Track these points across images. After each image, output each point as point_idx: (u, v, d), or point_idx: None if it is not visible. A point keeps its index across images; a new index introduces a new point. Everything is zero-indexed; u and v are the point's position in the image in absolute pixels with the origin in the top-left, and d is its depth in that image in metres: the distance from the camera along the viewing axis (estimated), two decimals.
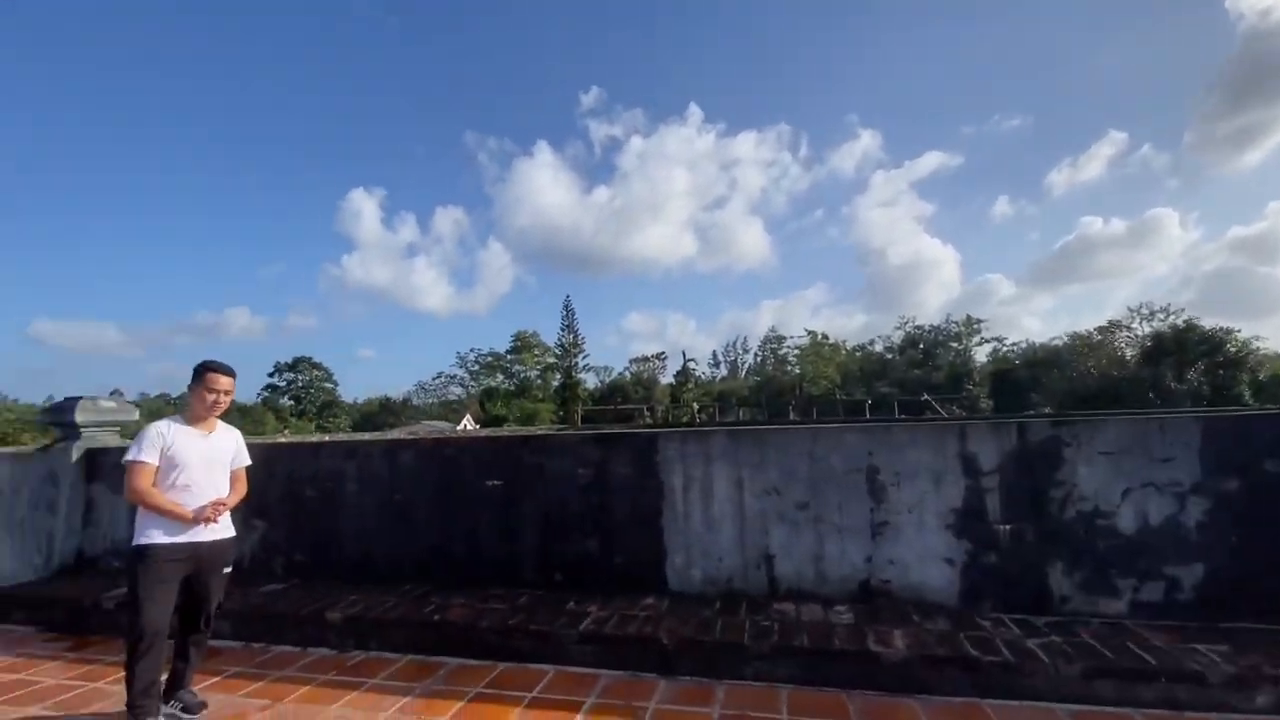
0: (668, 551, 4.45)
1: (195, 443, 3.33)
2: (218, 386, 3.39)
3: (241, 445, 3.63)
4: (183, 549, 3.17)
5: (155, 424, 3.34)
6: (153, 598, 3.05)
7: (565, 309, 65.62)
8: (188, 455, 3.27)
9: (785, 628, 3.70)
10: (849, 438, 4.24)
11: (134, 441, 3.27)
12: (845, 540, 4.16)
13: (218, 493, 3.36)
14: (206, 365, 3.43)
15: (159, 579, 3.09)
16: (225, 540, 3.38)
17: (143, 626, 3.00)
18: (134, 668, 3.00)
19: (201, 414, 3.40)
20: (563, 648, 3.78)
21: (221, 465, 3.44)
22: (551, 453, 4.79)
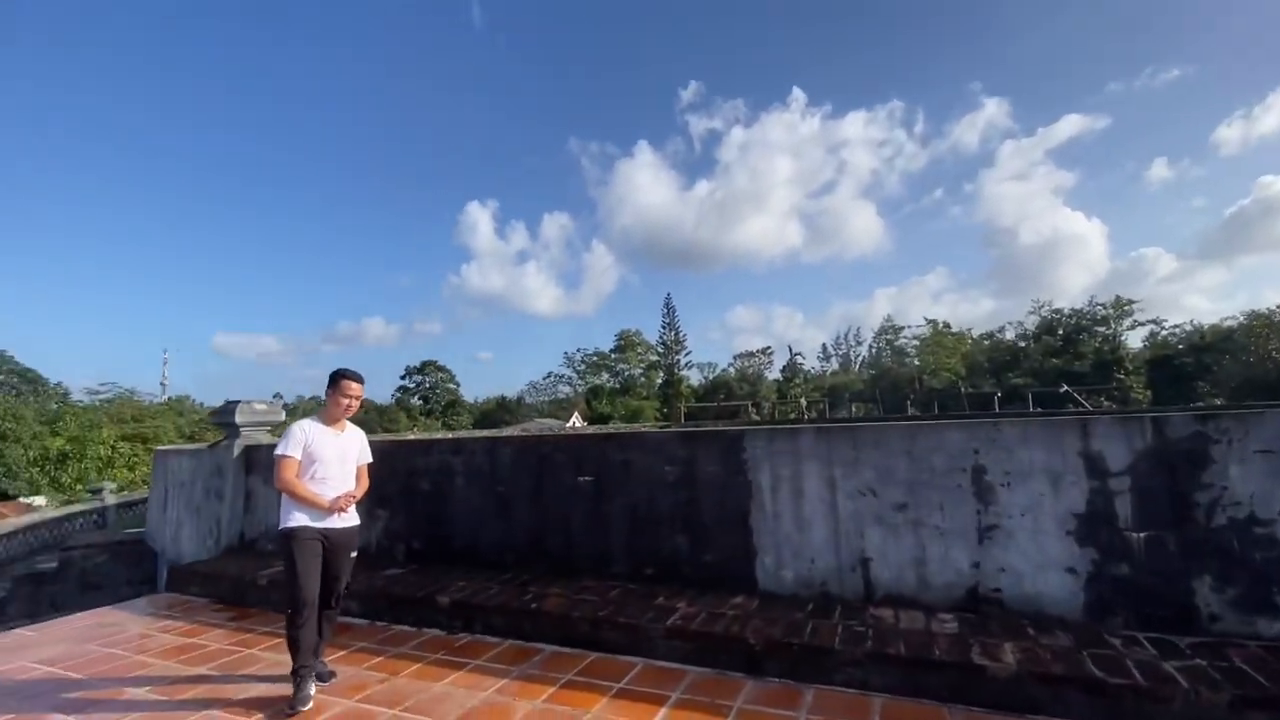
0: (757, 551, 4.38)
1: (330, 440, 3.72)
2: (350, 392, 3.78)
3: (365, 444, 4.01)
4: (322, 534, 3.57)
5: (298, 423, 3.74)
6: (307, 572, 3.46)
7: (666, 307, 66.16)
8: (324, 452, 3.66)
9: (881, 634, 3.53)
10: (951, 435, 3.96)
11: (281, 438, 3.69)
12: (949, 544, 3.88)
13: (347, 486, 3.74)
14: (341, 373, 3.80)
15: (308, 555, 3.49)
16: (352, 528, 3.74)
17: (301, 598, 3.41)
18: (296, 635, 3.40)
19: (336, 416, 3.80)
20: (650, 642, 3.85)
21: (350, 461, 3.82)
22: (638, 450, 4.87)
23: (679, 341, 68.83)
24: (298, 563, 3.46)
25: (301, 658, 3.41)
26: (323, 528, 3.58)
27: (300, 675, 3.40)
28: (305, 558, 3.49)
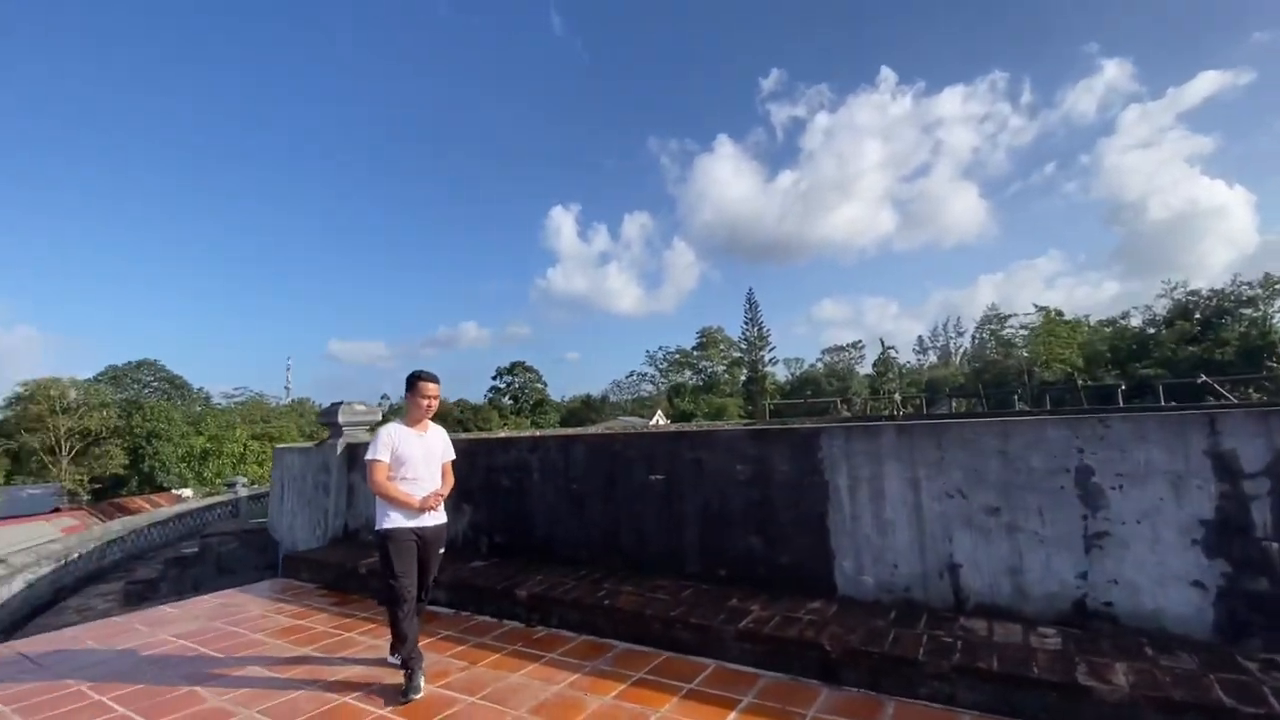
0: (835, 554, 4.20)
1: (415, 441, 3.84)
2: (428, 393, 3.90)
3: (448, 442, 4.12)
4: (415, 532, 3.72)
5: (385, 427, 3.87)
6: (405, 571, 3.62)
7: (748, 302, 65.07)
8: (411, 452, 3.78)
9: (971, 646, 3.28)
10: (1051, 433, 3.61)
11: (371, 443, 3.83)
12: (1050, 552, 3.55)
13: (434, 484, 3.87)
14: (417, 375, 3.90)
15: (405, 554, 3.65)
16: (441, 525, 3.90)
17: (401, 596, 3.57)
18: (402, 630, 3.56)
19: (418, 417, 3.91)
20: (722, 643, 3.79)
21: (435, 460, 3.93)
22: (708, 448, 4.81)
23: (762, 337, 67.49)
24: (395, 562, 3.62)
25: (408, 648, 3.56)
26: (416, 526, 3.73)
27: (411, 666, 3.54)
28: (403, 557, 3.65)
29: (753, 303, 66.77)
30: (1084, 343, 56.35)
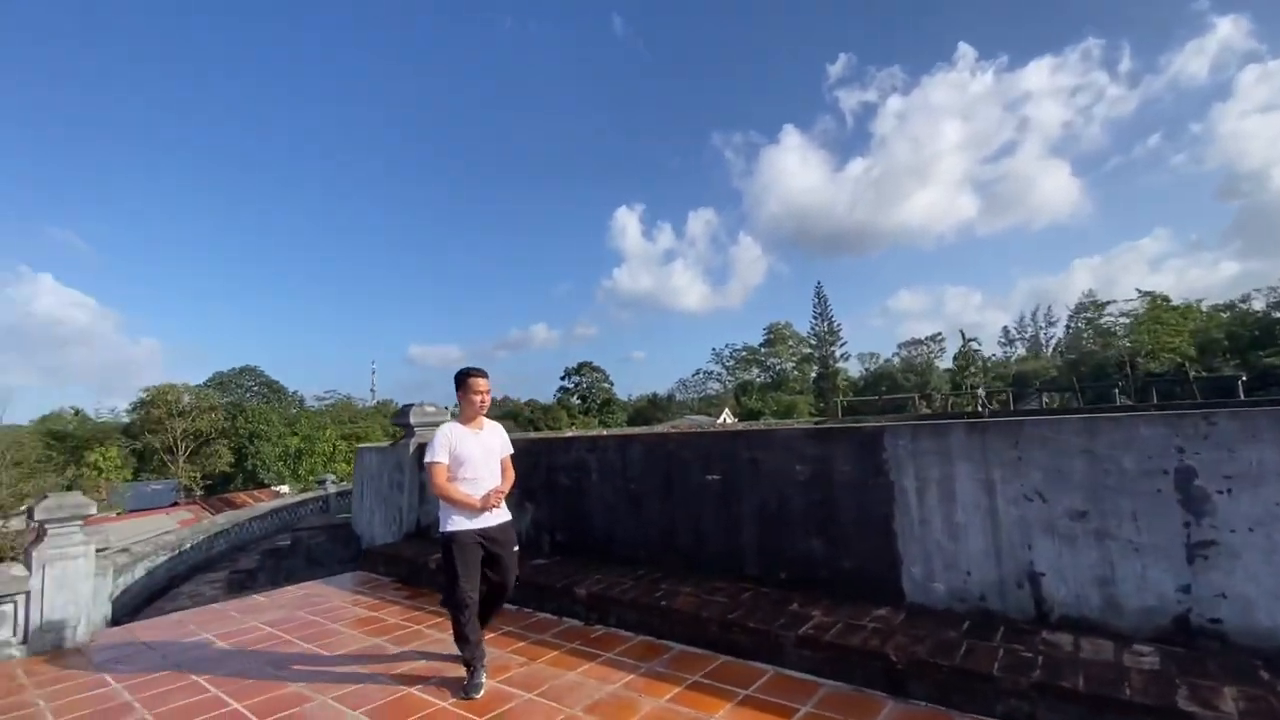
0: (903, 559, 3.99)
1: (472, 440, 3.78)
2: (479, 389, 3.83)
3: (506, 438, 4.04)
4: (480, 534, 3.66)
5: (441, 428, 3.81)
6: (466, 575, 3.58)
7: (817, 296, 63.33)
8: (470, 452, 3.73)
9: (1054, 663, 3.03)
10: (1146, 431, 3.28)
11: (429, 446, 3.75)
12: (1146, 562, 3.22)
13: (494, 481, 3.81)
14: (467, 372, 3.85)
15: (469, 557, 3.60)
16: (507, 523, 3.84)
17: (462, 599, 3.55)
18: (463, 632, 3.58)
19: (471, 414, 3.86)
20: (781, 649, 3.67)
21: (493, 457, 3.88)
22: (765, 448, 4.68)
23: (833, 332, 65.48)
24: (458, 566, 3.58)
25: (471, 649, 3.59)
26: (480, 528, 3.67)
27: (473, 666, 3.58)
28: (465, 561, 3.60)
29: (821, 296, 64.91)
30: (1196, 330, 51.29)
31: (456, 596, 3.58)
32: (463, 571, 3.58)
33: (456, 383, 3.89)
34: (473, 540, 3.64)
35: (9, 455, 32.74)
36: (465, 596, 3.56)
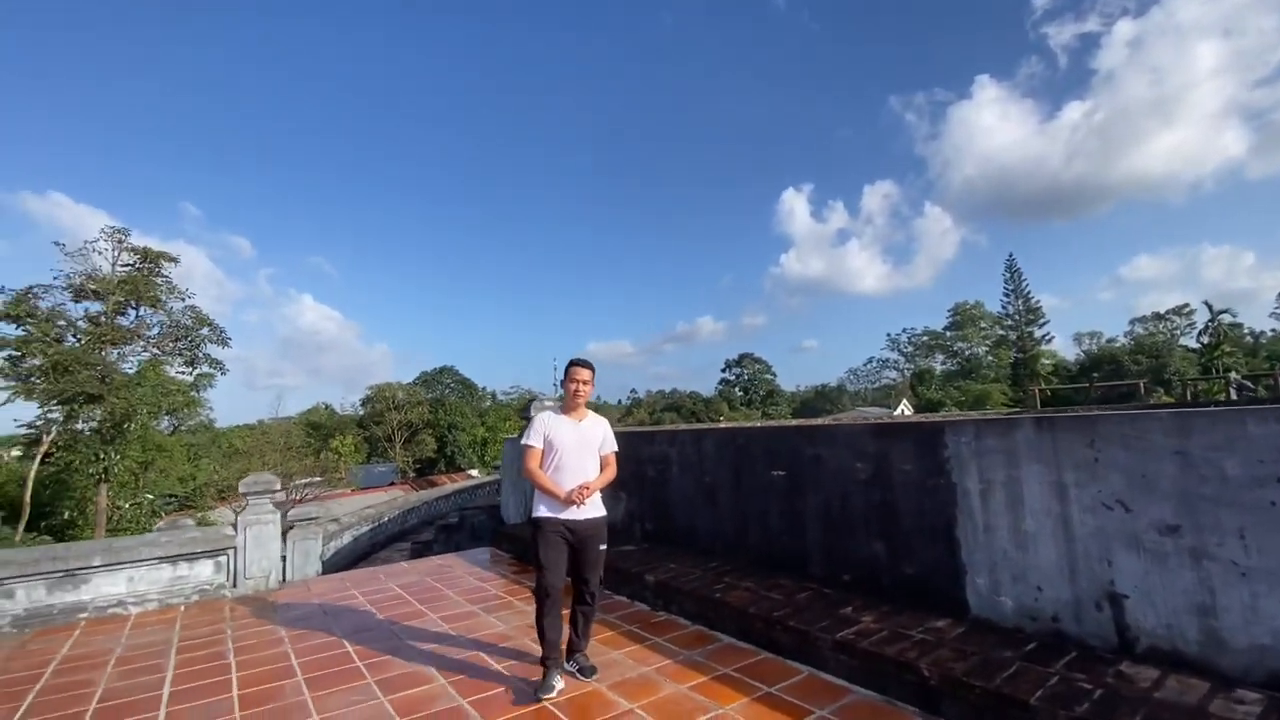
0: (967, 569, 3.63)
1: (567, 429, 3.70)
2: (578, 378, 3.75)
3: (609, 432, 3.92)
4: (566, 525, 3.58)
5: (540, 414, 3.80)
6: (549, 562, 3.51)
7: (1008, 270, 55.73)
8: (563, 440, 3.66)
9: (1114, 698, 2.62)
10: (1256, 429, 2.65)
11: (526, 430, 3.79)
12: (1257, 590, 2.62)
13: (586, 474, 3.67)
14: (574, 364, 3.79)
15: (550, 546, 3.54)
16: (596, 519, 3.68)
17: (545, 586, 3.49)
18: (541, 624, 3.49)
19: (571, 404, 3.79)
20: (819, 651, 3.57)
21: (590, 449, 3.74)
22: (827, 444, 4.49)
23: (1031, 310, 57.17)
24: (541, 552, 3.54)
25: (548, 649, 3.49)
26: (565, 519, 3.58)
27: (547, 665, 3.49)
28: (548, 548, 3.54)
29: (1014, 270, 56.88)
30: None
31: (539, 583, 3.54)
32: (545, 560, 3.52)
33: (564, 375, 3.86)
34: (557, 530, 3.58)
35: (281, 441, 41.37)
36: (547, 585, 3.49)
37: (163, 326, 27.05)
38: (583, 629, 3.74)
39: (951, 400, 55.47)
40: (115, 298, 25.28)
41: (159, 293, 26.44)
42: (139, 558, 5.71)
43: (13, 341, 23.47)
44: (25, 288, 24.08)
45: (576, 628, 3.72)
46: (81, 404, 23.99)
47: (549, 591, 3.50)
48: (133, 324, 26.21)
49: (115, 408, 23.99)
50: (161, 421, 28.14)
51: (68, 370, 23.29)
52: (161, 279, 26.80)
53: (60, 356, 23.38)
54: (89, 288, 24.94)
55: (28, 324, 23.72)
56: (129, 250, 26.35)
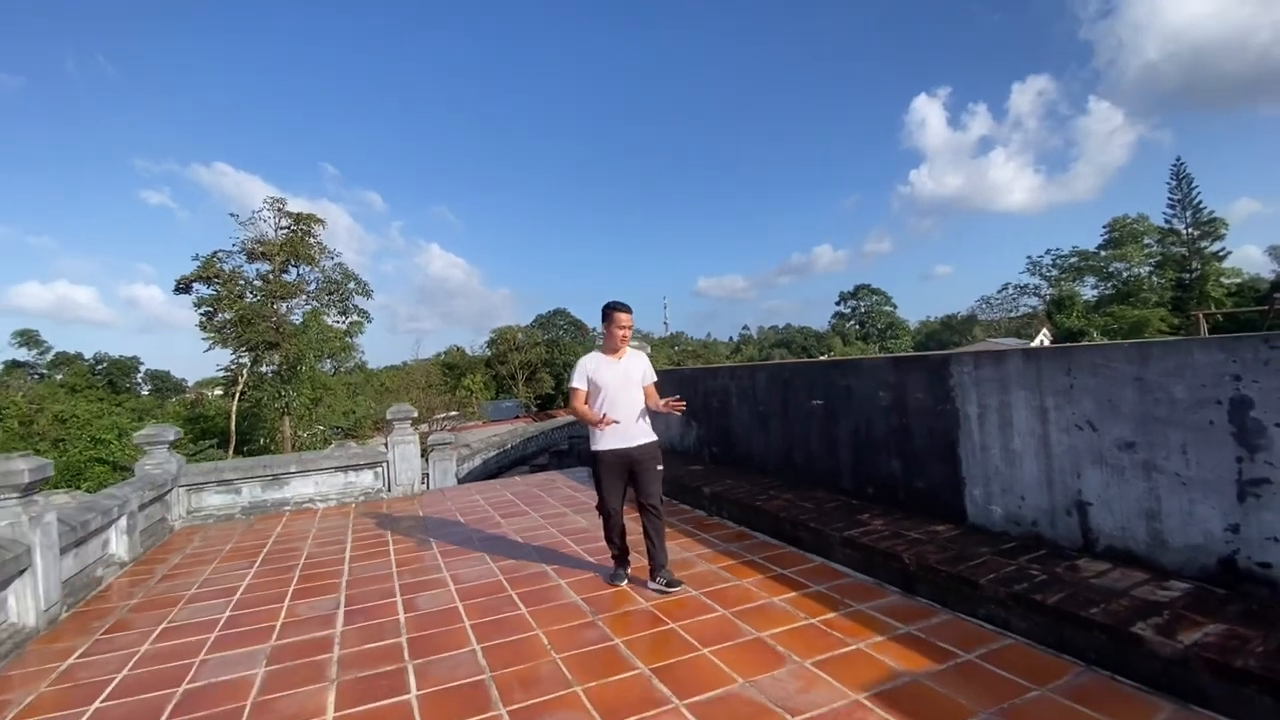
0: (966, 482, 4.13)
1: (609, 368, 4.04)
2: (621, 323, 4.03)
3: (649, 366, 4.22)
4: (620, 454, 3.98)
5: (584, 358, 4.11)
6: (608, 488, 4.02)
7: (1175, 177, 48.02)
8: (607, 379, 3.99)
9: (1055, 582, 3.15)
10: (1199, 356, 2.94)
11: (571, 373, 4.13)
12: (1194, 497, 2.99)
13: (633, 407, 4.00)
14: (612, 306, 4.05)
15: (608, 473, 4.02)
16: (647, 444, 4.03)
17: (606, 509, 4.05)
18: (609, 537, 4.17)
19: (613, 345, 4.08)
20: (831, 546, 4.29)
21: (634, 384, 4.06)
22: (855, 376, 5.01)
23: (1203, 223, 49.28)
24: (602, 481, 4.03)
25: (616, 551, 4.20)
26: (622, 448, 3.97)
27: (618, 562, 4.19)
28: (608, 476, 3.99)
29: (1181, 177, 48.87)
30: None
31: (601, 505, 4.10)
32: (606, 486, 4.01)
33: (603, 315, 4.11)
34: (615, 459, 3.98)
35: (422, 380, 46.41)
36: (609, 508, 4.04)
37: (319, 282, 31.14)
38: (657, 542, 4.00)
39: (1098, 329, 49.96)
40: (279, 258, 29.37)
41: (313, 252, 30.30)
42: (321, 466, 7.48)
43: (209, 299, 28.29)
44: (211, 253, 28.73)
45: (652, 542, 4.00)
46: (263, 350, 28.61)
47: (610, 513, 4.06)
48: (295, 281, 30.38)
49: (289, 353, 28.39)
50: (325, 364, 32.75)
51: (250, 322, 27.78)
52: (313, 240, 30.63)
53: (244, 311, 27.88)
54: (258, 250, 29.16)
55: (216, 284, 28.41)
56: (286, 215, 30.28)
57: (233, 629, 3.81)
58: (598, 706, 2.63)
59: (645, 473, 4.03)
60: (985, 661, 2.82)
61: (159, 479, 6.43)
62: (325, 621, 3.81)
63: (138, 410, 38.12)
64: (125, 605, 4.39)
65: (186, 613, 4.15)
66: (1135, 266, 61.84)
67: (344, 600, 4.16)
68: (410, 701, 2.78)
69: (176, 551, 5.79)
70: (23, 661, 3.54)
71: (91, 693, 3.09)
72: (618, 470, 4.02)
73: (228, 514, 7.07)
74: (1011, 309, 75.13)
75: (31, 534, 3.94)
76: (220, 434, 31.95)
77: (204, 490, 7.10)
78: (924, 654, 2.92)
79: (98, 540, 5.03)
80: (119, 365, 55.19)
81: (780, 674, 2.81)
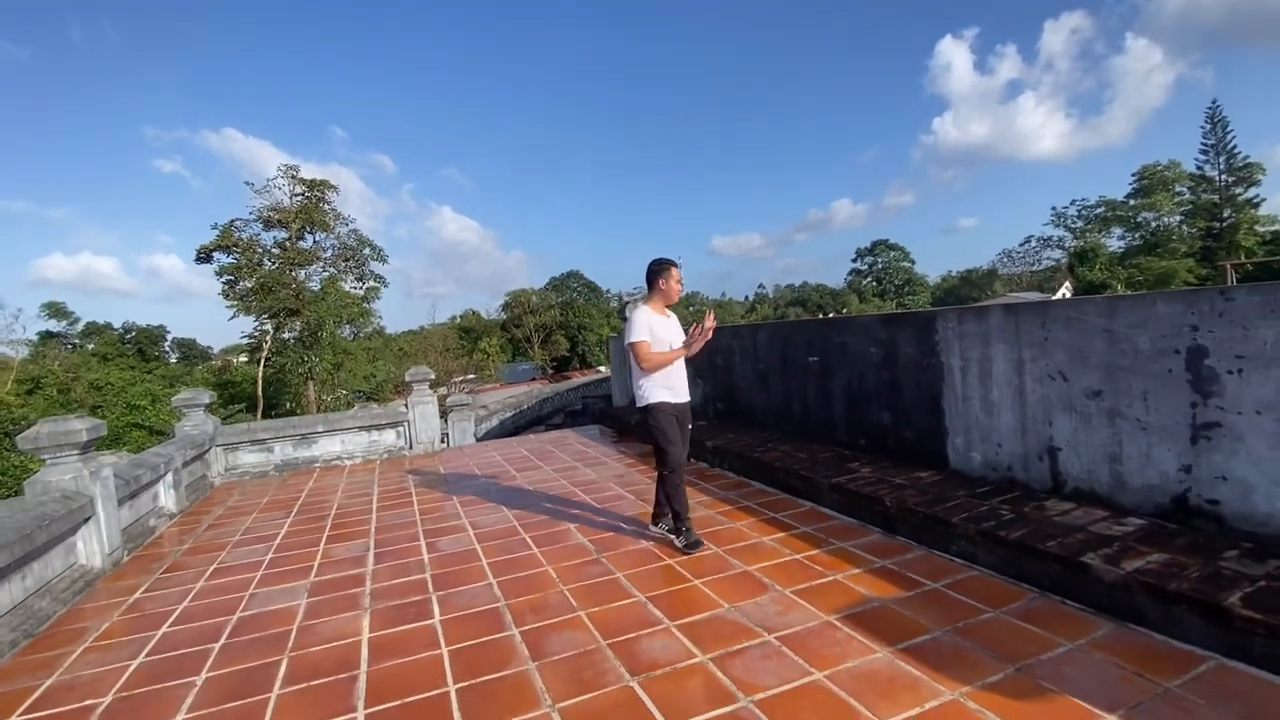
0: (949, 431, 4.37)
1: (663, 322, 4.06)
2: (679, 278, 4.10)
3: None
4: (678, 407, 4.05)
5: (639, 313, 4.06)
6: (675, 441, 3.97)
7: (1209, 121, 46.05)
8: (664, 334, 4.02)
9: (1020, 519, 3.41)
10: (1162, 308, 3.11)
11: (632, 328, 4.01)
12: (1152, 441, 3.20)
13: (681, 362, 4.10)
14: (671, 262, 4.07)
15: (671, 425, 3.96)
16: (690, 403, 4.23)
17: (675, 462, 3.94)
18: (675, 494, 3.94)
19: (669, 299, 4.11)
20: (820, 492, 4.59)
21: (680, 338, 4.12)
22: (849, 333, 5.21)
23: (1239, 169, 47.39)
24: (669, 431, 3.94)
25: (684, 510, 3.94)
26: (680, 402, 4.05)
27: (688, 525, 3.93)
28: (671, 428, 3.97)
29: (1216, 120, 46.80)
30: None
31: (672, 459, 3.94)
32: (673, 437, 3.96)
33: (655, 273, 4.10)
34: (674, 410, 4.01)
35: (440, 344, 47.10)
36: (677, 459, 3.96)
37: (334, 248, 31.51)
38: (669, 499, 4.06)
39: (1122, 281, 48.86)
40: (295, 226, 29.72)
41: (327, 219, 30.58)
42: (346, 426, 7.92)
43: (229, 268, 28.83)
44: (229, 222, 29.14)
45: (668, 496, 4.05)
46: (284, 317, 29.27)
47: (681, 463, 3.97)
48: (311, 248, 30.78)
49: (309, 319, 29.01)
50: (344, 330, 33.42)
51: (271, 290, 28.35)
52: (327, 206, 30.87)
53: (264, 278, 28.43)
54: (274, 218, 29.51)
55: (235, 253, 28.91)
56: (300, 182, 30.48)
57: (275, 569, 4.23)
58: (599, 627, 2.98)
59: (689, 427, 4.17)
60: (950, 590, 3.11)
61: (198, 439, 6.89)
62: (357, 562, 4.22)
63: (167, 377, 39.39)
64: (178, 550, 4.85)
65: (233, 556, 4.59)
66: (1165, 216, 59.89)
67: (373, 544, 4.57)
68: (435, 625, 3.16)
69: (218, 504, 6.27)
70: (94, 597, 4.00)
71: (159, 620, 3.52)
72: (677, 422, 4.02)
73: (262, 471, 7.56)
74: (1033, 262, 73.40)
75: (93, 487, 4.36)
76: (248, 399, 32.99)
77: (239, 449, 7.58)
78: (895, 584, 3.22)
79: (149, 494, 5.49)
80: (147, 334, 56.62)
81: (762, 600, 3.13)
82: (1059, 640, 2.56)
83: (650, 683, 2.48)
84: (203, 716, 2.52)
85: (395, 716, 2.41)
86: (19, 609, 3.55)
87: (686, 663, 2.61)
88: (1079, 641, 2.55)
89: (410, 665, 2.78)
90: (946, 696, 2.26)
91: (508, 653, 2.81)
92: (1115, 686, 2.24)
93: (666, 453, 3.95)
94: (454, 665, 2.74)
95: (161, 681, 2.83)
